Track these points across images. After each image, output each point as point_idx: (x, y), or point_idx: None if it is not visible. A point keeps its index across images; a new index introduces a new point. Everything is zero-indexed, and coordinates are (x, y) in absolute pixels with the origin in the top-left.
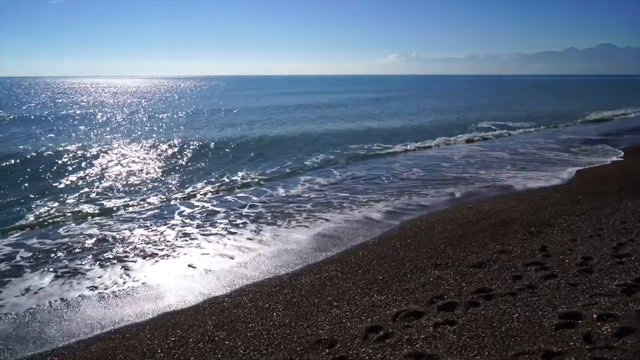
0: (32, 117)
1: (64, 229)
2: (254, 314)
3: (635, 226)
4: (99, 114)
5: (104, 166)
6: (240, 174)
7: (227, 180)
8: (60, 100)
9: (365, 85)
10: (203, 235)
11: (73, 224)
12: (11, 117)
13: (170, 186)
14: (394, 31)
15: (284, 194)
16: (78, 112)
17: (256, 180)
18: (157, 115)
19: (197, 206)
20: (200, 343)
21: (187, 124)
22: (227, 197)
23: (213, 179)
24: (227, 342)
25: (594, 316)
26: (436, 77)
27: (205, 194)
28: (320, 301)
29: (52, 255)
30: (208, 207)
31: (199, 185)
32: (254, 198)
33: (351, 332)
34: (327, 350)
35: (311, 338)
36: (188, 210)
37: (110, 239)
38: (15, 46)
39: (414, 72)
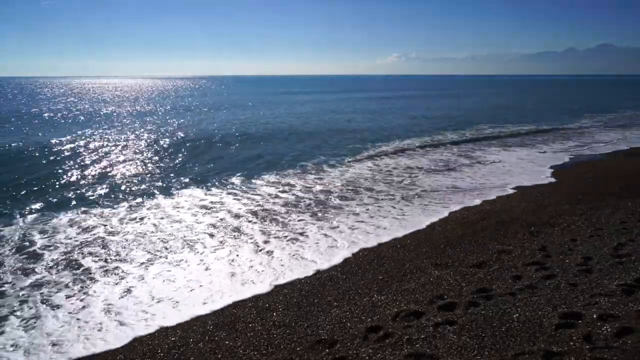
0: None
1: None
2: (254, 314)
3: (635, 226)
4: None
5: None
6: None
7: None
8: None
9: (402, 88)
10: None
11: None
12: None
13: None
14: (394, 31)
15: None
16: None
17: None
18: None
19: None
20: (200, 343)
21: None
22: None
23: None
24: (227, 342)
25: (594, 316)
26: (441, 77)
27: None
28: (320, 301)
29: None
30: None
31: None
32: None
33: (351, 332)
34: (327, 350)
35: (311, 338)
36: None
37: None
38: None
39: (414, 72)
